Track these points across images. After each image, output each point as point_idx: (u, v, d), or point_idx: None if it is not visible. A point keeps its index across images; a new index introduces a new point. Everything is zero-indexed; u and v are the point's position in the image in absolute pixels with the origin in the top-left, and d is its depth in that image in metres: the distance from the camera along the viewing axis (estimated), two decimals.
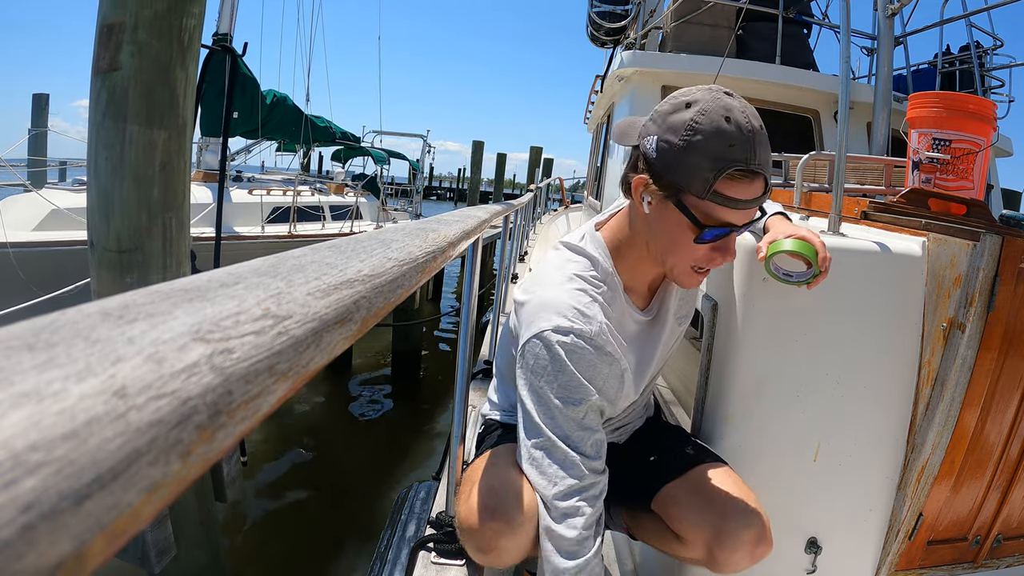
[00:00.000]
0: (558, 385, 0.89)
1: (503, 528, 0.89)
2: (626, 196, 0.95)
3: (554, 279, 0.95)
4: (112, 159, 2.26)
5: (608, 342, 0.92)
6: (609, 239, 1.00)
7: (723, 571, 0.98)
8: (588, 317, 0.90)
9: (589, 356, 0.90)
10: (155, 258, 2.37)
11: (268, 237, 6.80)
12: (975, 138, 1.51)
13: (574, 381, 0.89)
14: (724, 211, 0.85)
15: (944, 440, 1.11)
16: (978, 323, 1.06)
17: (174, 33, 2.30)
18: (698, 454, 1.09)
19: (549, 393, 0.89)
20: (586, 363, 0.89)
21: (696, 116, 0.82)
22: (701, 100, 0.84)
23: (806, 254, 0.99)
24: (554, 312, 0.90)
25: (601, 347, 0.91)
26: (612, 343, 0.93)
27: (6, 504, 0.13)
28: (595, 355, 0.90)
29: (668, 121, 0.85)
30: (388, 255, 0.43)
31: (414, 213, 11.24)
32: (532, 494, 0.92)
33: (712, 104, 0.83)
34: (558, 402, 0.89)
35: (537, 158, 23.17)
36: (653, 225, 0.91)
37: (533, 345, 0.90)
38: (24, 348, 0.17)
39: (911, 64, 3.88)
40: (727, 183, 0.83)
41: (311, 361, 0.26)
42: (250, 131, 8.11)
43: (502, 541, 0.90)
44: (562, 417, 0.89)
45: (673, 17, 3.54)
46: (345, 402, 6.33)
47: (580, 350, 0.89)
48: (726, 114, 0.82)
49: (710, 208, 0.85)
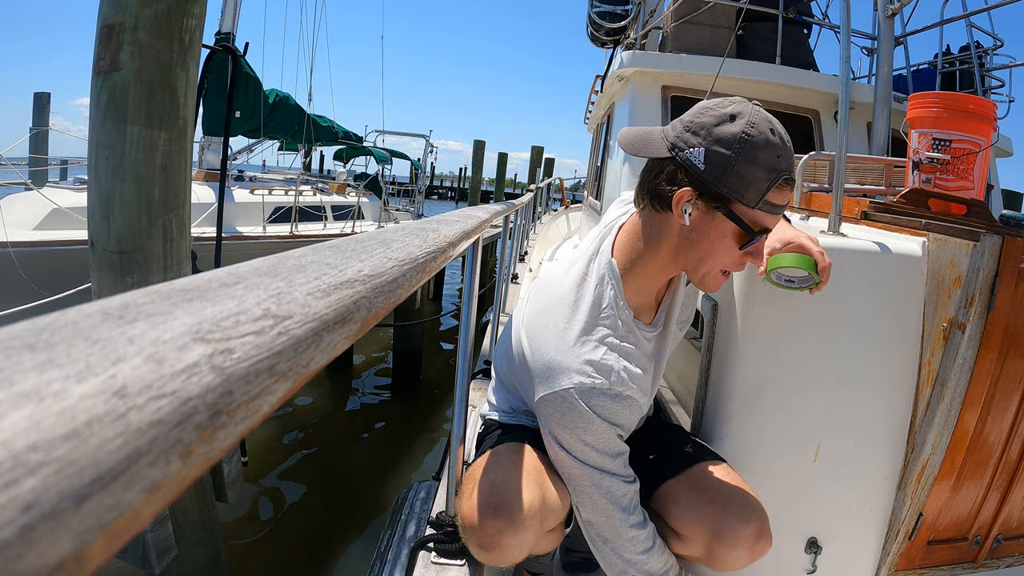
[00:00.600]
0: (587, 433, 0.95)
1: (506, 526, 0.89)
2: (656, 208, 0.93)
3: (569, 332, 0.96)
4: (112, 160, 2.25)
5: (628, 386, 0.96)
6: (623, 263, 0.99)
7: (723, 568, 0.98)
8: (607, 368, 0.94)
9: (611, 405, 0.95)
10: (156, 259, 2.36)
11: (270, 237, 6.79)
12: (975, 138, 1.51)
13: (600, 428, 0.95)
14: (769, 218, 0.88)
15: (944, 440, 1.11)
16: (978, 323, 1.06)
17: (174, 33, 2.29)
18: (697, 452, 1.09)
19: (580, 440, 0.95)
20: (609, 411, 0.95)
21: (747, 128, 0.85)
22: (745, 113, 0.87)
23: (805, 268, 1.00)
24: (575, 371, 0.94)
25: (620, 394, 0.95)
26: (631, 384, 0.96)
27: (6, 504, 0.13)
28: (616, 403, 0.95)
29: (715, 133, 0.86)
30: (388, 255, 0.43)
31: (416, 213, 11.22)
32: (533, 492, 0.92)
33: (756, 117, 0.86)
34: (588, 447, 0.95)
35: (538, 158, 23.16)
36: (692, 235, 0.92)
37: (557, 400, 0.95)
38: (24, 348, 0.17)
39: (911, 64, 3.88)
40: (776, 192, 0.86)
41: (311, 361, 0.26)
42: (252, 130, 8.10)
43: (505, 539, 0.90)
44: (595, 455, 0.96)
45: (673, 17, 3.54)
46: (346, 402, 6.33)
47: (602, 402, 0.94)
48: (770, 126, 0.86)
49: (759, 216, 0.88)
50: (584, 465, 0.96)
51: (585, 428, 0.94)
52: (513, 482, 0.93)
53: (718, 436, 1.21)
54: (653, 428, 1.22)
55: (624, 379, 0.95)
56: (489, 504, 0.91)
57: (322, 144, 10.33)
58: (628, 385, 0.96)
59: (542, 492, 0.94)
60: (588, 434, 0.95)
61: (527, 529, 0.90)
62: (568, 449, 0.97)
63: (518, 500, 0.91)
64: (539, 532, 0.94)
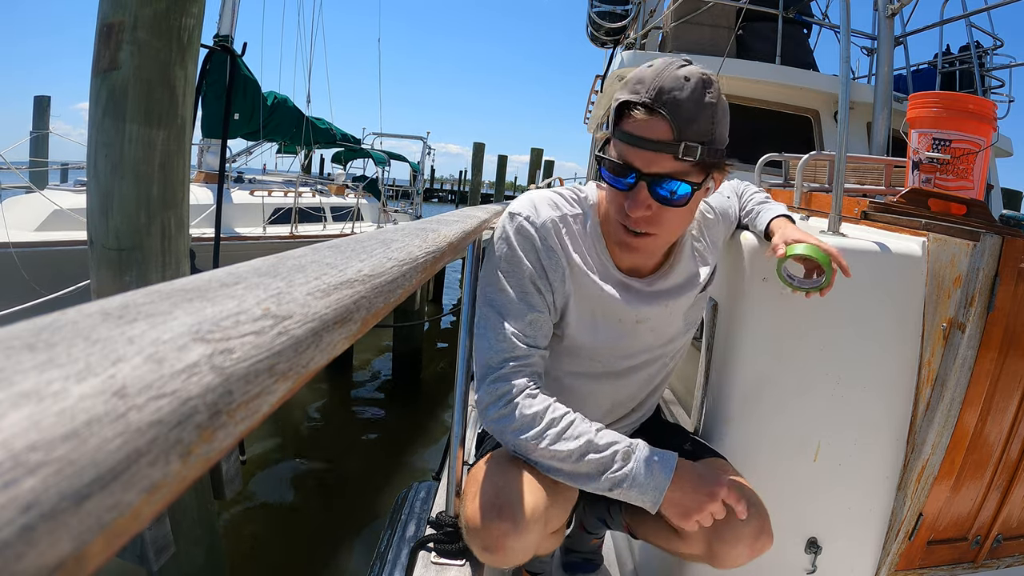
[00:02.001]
0: (505, 262, 0.98)
1: (510, 528, 0.89)
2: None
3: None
4: (111, 157, 2.27)
5: (553, 239, 0.98)
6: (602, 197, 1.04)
7: (723, 566, 0.98)
8: (539, 212, 0.98)
9: (534, 243, 0.97)
10: (154, 256, 2.38)
11: (270, 238, 6.81)
12: (975, 138, 1.51)
13: (516, 257, 0.97)
14: (628, 149, 0.88)
15: (944, 440, 1.11)
16: (978, 323, 1.06)
17: (173, 33, 2.31)
18: (696, 450, 1.09)
19: (498, 271, 0.98)
20: (528, 246, 0.97)
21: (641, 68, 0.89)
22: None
23: (819, 259, 1.00)
24: (515, 206, 1.00)
25: (545, 239, 0.98)
26: (558, 243, 0.99)
27: (6, 504, 0.13)
28: (539, 244, 0.98)
29: None
30: (388, 255, 0.43)
31: (414, 215, 11.25)
32: (537, 495, 0.92)
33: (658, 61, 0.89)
34: (503, 278, 0.98)
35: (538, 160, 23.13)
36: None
37: (496, 232, 1.00)
38: (24, 348, 0.17)
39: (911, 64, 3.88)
40: (632, 121, 0.86)
41: (311, 361, 0.26)
42: (251, 133, 8.12)
43: (509, 541, 0.90)
44: (503, 294, 0.97)
45: (673, 17, 3.54)
46: (346, 402, 6.33)
47: (526, 235, 0.97)
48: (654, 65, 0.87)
49: (618, 146, 0.90)
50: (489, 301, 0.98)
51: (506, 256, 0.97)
52: (517, 485, 0.93)
53: (718, 436, 1.21)
54: (652, 428, 1.22)
55: (549, 229, 0.97)
56: (493, 507, 0.91)
57: (321, 146, 10.35)
58: (552, 237, 0.98)
59: (545, 494, 0.93)
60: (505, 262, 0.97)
61: (531, 532, 0.90)
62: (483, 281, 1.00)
63: (522, 503, 0.90)
64: (543, 534, 0.94)
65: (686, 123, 0.84)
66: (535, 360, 0.96)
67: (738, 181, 1.28)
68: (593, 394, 1.09)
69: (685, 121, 0.84)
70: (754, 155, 2.01)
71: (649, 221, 0.91)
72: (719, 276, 1.24)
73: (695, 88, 0.85)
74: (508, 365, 0.94)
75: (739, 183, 1.26)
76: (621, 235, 0.94)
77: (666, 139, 0.85)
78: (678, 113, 0.84)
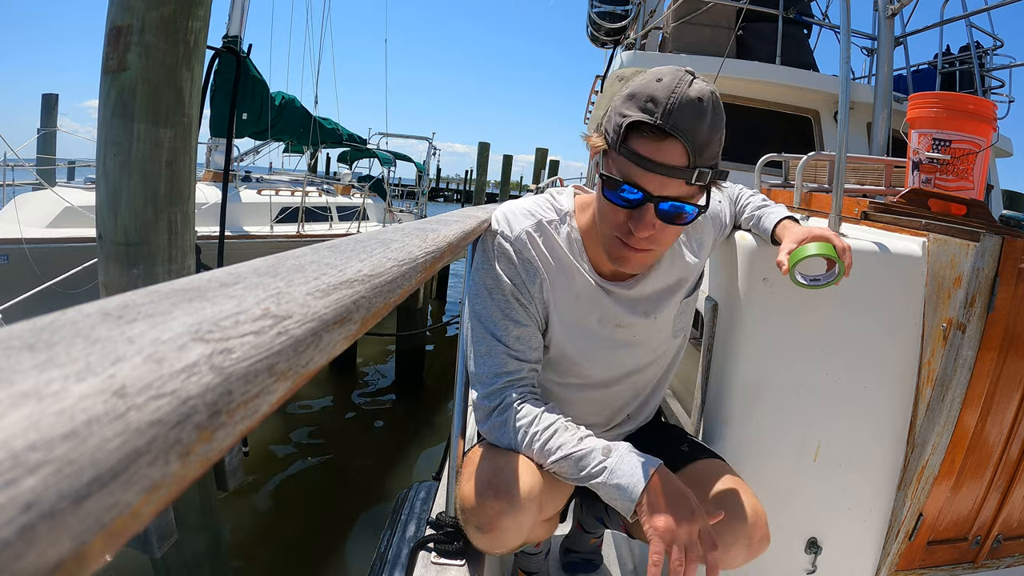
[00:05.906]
0: (488, 278, 0.99)
1: (505, 507, 0.89)
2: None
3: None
4: (120, 156, 2.32)
5: (529, 251, 0.99)
6: (580, 201, 1.04)
7: (721, 567, 0.98)
8: (512, 226, 0.99)
9: (511, 258, 0.99)
10: (160, 251, 2.44)
11: (277, 236, 6.86)
12: (975, 138, 1.51)
13: (495, 273, 0.99)
14: (636, 171, 0.85)
15: (944, 440, 1.11)
16: (978, 323, 1.06)
17: (180, 35, 2.36)
18: (694, 451, 1.09)
19: (484, 287, 0.99)
20: (506, 261, 0.99)
21: (641, 78, 0.85)
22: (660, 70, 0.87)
23: (826, 253, 0.99)
24: (492, 221, 1.01)
25: (520, 251, 0.99)
26: (534, 254, 0.99)
27: (6, 504, 0.13)
28: (515, 258, 0.99)
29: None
30: (388, 255, 0.43)
31: (419, 215, 11.28)
32: (533, 477, 0.92)
33: (663, 72, 0.84)
34: (488, 296, 0.99)
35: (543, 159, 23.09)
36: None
37: (477, 246, 1.02)
38: (24, 348, 0.17)
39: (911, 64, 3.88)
40: (642, 142, 0.83)
41: (311, 361, 0.26)
42: (259, 132, 8.16)
43: (503, 520, 0.89)
44: (489, 312, 0.99)
45: (673, 17, 3.54)
46: (348, 401, 6.33)
47: (503, 251, 0.98)
48: (661, 77, 0.83)
49: (622, 164, 0.86)
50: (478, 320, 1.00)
51: (487, 271, 0.99)
52: (513, 465, 0.92)
53: (718, 436, 1.21)
54: (651, 428, 1.22)
55: (524, 241, 0.98)
56: (489, 485, 0.91)
57: (327, 146, 10.39)
58: (528, 249, 0.98)
59: (542, 477, 0.93)
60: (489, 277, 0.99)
61: (526, 512, 0.90)
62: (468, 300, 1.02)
63: (517, 483, 0.90)
64: (537, 518, 0.94)
65: (701, 149, 0.82)
66: (526, 373, 0.98)
67: (731, 184, 1.27)
68: (585, 404, 1.10)
69: (701, 147, 0.82)
70: (754, 155, 2.01)
71: (651, 239, 0.90)
72: (719, 276, 1.24)
73: (710, 111, 0.82)
74: (500, 380, 0.97)
75: (732, 187, 1.24)
76: (618, 249, 0.93)
77: (680, 164, 0.83)
78: (695, 139, 0.82)
